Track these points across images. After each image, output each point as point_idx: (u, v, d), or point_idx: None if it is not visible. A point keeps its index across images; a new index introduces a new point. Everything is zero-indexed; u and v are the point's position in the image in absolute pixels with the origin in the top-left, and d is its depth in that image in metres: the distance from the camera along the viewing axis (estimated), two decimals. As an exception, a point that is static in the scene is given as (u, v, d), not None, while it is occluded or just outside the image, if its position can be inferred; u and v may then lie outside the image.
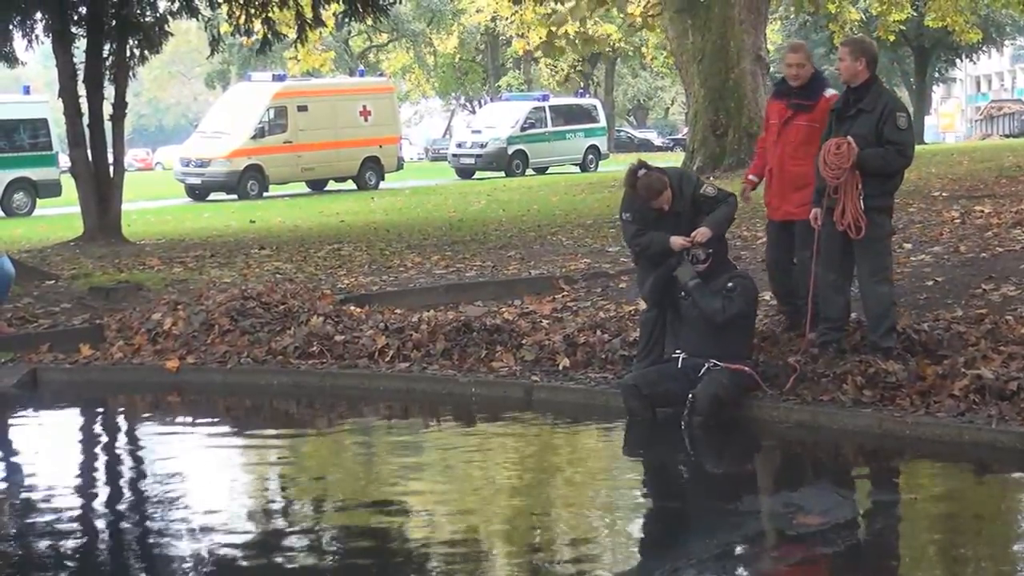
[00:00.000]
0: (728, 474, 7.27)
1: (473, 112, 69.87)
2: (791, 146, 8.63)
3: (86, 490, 7.38)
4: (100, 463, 8.30)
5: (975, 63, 73.28)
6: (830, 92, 8.70)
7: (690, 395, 7.68)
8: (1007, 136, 61.36)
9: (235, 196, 33.30)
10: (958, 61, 64.59)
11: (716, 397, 7.66)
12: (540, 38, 34.47)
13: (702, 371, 7.81)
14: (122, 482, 7.69)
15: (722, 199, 8.31)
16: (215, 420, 9.34)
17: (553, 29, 32.08)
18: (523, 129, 41.84)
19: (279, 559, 5.85)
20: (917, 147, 8.52)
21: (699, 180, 8.59)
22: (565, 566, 5.65)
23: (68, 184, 22.78)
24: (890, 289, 8.29)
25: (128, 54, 19.04)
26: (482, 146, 41.54)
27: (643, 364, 8.39)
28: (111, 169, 18.85)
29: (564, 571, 5.60)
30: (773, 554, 5.81)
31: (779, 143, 8.75)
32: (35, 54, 22.10)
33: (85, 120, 18.55)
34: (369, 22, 21.80)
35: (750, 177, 9.35)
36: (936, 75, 65.70)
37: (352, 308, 10.69)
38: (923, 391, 7.52)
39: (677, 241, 8.13)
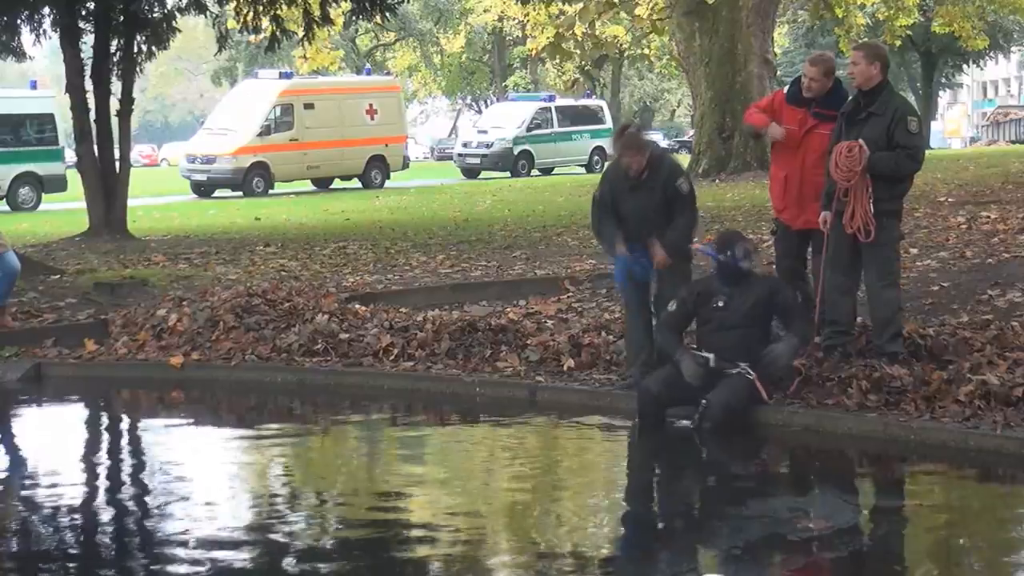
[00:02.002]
0: (732, 478, 7.25)
1: (479, 112, 69.87)
2: (815, 155, 8.47)
3: (88, 485, 7.38)
4: (103, 458, 8.31)
5: (982, 69, 73.26)
6: None
7: (703, 400, 7.64)
8: (1013, 142, 61.30)
9: (240, 193, 33.29)
10: (965, 67, 64.55)
11: (728, 405, 7.61)
12: (548, 39, 34.47)
13: (732, 372, 7.75)
14: (125, 478, 7.69)
15: (689, 201, 8.35)
16: (219, 417, 9.34)
17: (561, 31, 32.08)
18: (529, 130, 41.82)
19: (281, 556, 5.84)
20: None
21: (679, 170, 8.57)
22: (566, 568, 5.64)
23: (74, 179, 22.79)
24: (897, 294, 8.29)
25: (135, 50, 19.05)
26: (488, 146, 41.55)
27: (638, 368, 8.41)
28: (117, 165, 18.86)
29: (565, 572, 5.60)
30: (776, 559, 5.80)
31: (800, 152, 8.61)
32: (42, 49, 22.19)
33: (92, 115, 18.56)
34: (377, 21, 21.78)
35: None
36: (943, 80, 65.67)
37: (357, 307, 10.69)
38: (928, 396, 7.50)
39: (620, 249, 8.33)
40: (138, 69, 19.42)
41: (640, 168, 8.23)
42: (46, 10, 19.23)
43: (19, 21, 19.33)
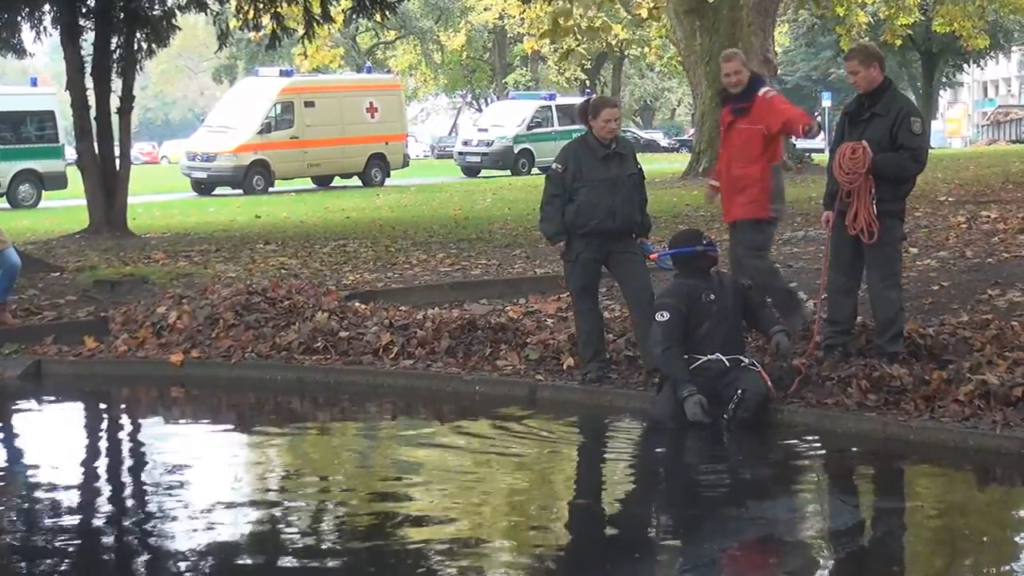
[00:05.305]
0: (730, 478, 7.24)
1: (479, 110, 69.88)
2: (734, 149, 8.91)
3: (87, 483, 7.37)
4: (102, 456, 8.30)
5: (982, 68, 73.28)
6: (763, 90, 8.91)
7: (739, 391, 7.63)
8: (1013, 142, 61.33)
9: (241, 191, 33.32)
10: (965, 66, 64.55)
11: (762, 393, 7.65)
12: (546, 28, 34.52)
13: (743, 364, 7.79)
14: (124, 476, 7.69)
15: (644, 193, 8.70)
16: (218, 415, 9.34)
17: (559, 21, 32.12)
18: (529, 128, 41.84)
19: (280, 554, 5.84)
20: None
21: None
22: (563, 568, 5.65)
23: (74, 176, 22.80)
24: (899, 294, 8.30)
25: (136, 47, 19.07)
26: (488, 144, 41.58)
27: (595, 364, 8.57)
28: (117, 162, 18.87)
29: (561, 572, 5.60)
30: (773, 560, 5.80)
31: (725, 147, 9.08)
32: (43, 46, 22.21)
33: (92, 113, 18.57)
34: (377, 19, 21.81)
35: (711, 183, 9.57)
36: (943, 80, 65.68)
37: (357, 305, 10.70)
38: (928, 396, 7.50)
39: (559, 246, 8.68)
40: (138, 66, 19.46)
41: (618, 127, 8.62)
42: (47, 7, 19.25)
43: (20, 18, 19.35)
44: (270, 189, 34.15)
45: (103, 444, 8.74)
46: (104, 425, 9.40)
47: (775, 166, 9.03)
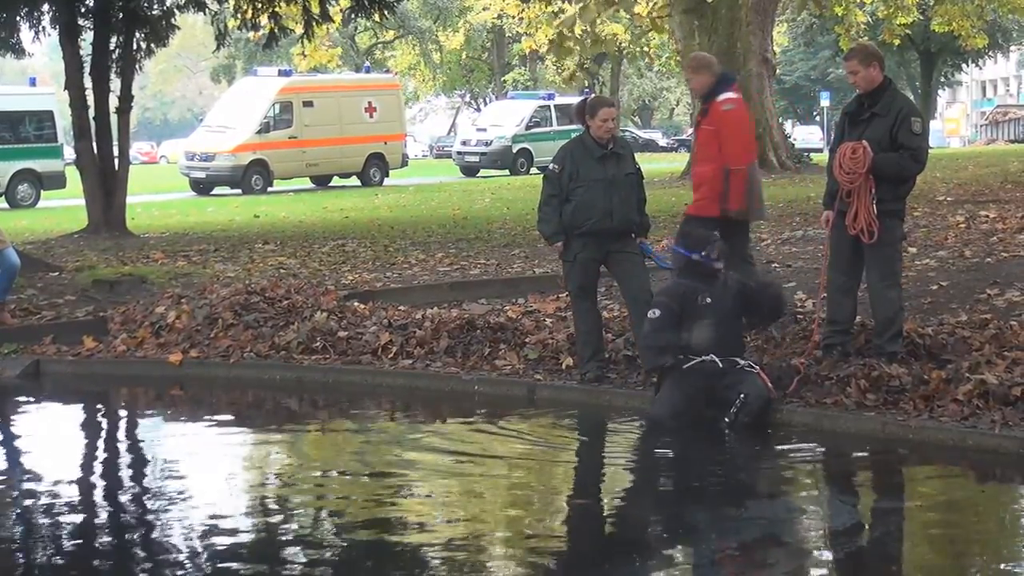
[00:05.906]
0: (730, 478, 7.24)
1: (478, 110, 69.86)
2: (696, 148, 9.14)
3: (86, 484, 7.37)
4: (101, 456, 8.30)
5: (981, 68, 73.31)
6: (723, 96, 8.83)
7: (741, 395, 7.62)
8: (1012, 141, 61.37)
9: (239, 191, 33.30)
10: (964, 66, 64.59)
11: (764, 397, 7.64)
12: (547, 38, 34.55)
13: (740, 367, 7.78)
14: (122, 476, 7.68)
15: (642, 193, 8.73)
16: (217, 415, 9.33)
17: (563, 31, 32.13)
18: (528, 128, 41.81)
19: (278, 555, 5.84)
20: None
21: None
22: (563, 567, 5.65)
23: (73, 176, 22.79)
24: (899, 294, 8.30)
25: (135, 47, 19.07)
26: (487, 144, 41.55)
27: (594, 363, 8.59)
28: (116, 162, 18.87)
29: (562, 572, 5.60)
30: (773, 560, 5.80)
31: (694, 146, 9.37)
32: (42, 46, 22.16)
33: (91, 112, 18.56)
34: (376, 19, 21.80)
35: None
36: (942, 79, 65.70)
37: (356, 304, 10.70)
38: (927, 395, 7.50)
39: (558, 247, 8.70)
40: (137, 66, 19.44)
41: (616, 126, 8.79)
42: (45, 7, 19.23)
43: (18, 18, 19.33)
44: (269, 189, 34.13)
45: (101, 444, 8.74)
46: (103, 425, 9.40)
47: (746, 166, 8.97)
